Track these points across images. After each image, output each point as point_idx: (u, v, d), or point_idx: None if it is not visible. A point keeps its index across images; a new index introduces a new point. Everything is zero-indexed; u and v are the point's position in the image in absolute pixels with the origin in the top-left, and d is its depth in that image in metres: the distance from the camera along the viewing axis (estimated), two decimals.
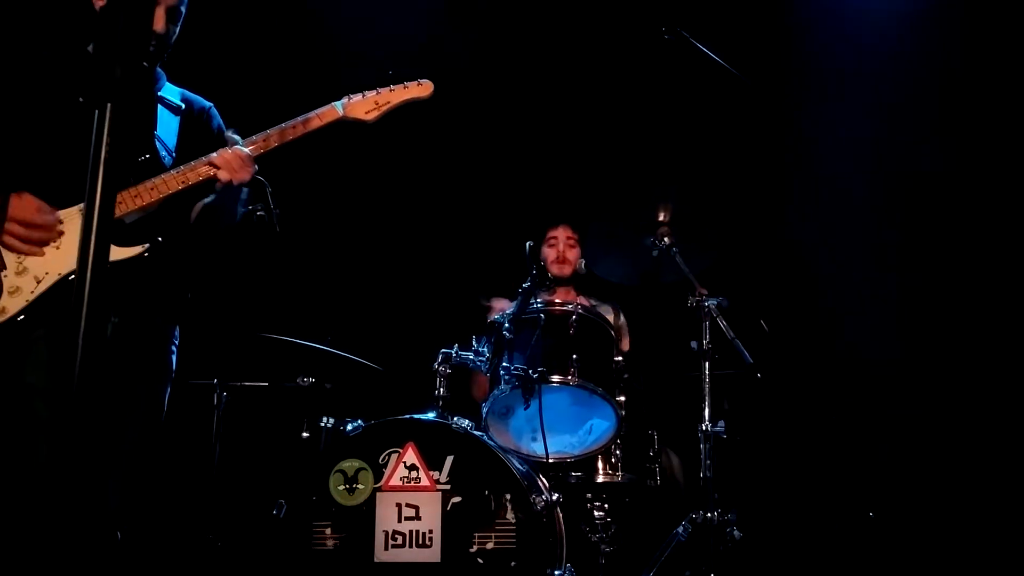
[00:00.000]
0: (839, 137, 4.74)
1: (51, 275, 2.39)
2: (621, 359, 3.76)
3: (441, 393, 3.47)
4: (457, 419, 3.28)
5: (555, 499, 3.25)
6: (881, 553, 4.23)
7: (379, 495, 3.19)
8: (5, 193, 2.38)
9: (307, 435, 3.84)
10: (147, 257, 2.46)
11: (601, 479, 3.75)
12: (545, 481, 3.41)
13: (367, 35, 4.60)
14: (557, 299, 4.06)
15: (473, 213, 4.98)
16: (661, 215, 3.83)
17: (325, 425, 3.46)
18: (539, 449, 3.49)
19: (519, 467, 3.26)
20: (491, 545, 3.11)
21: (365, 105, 2.68)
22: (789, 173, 4.86)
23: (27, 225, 2.38)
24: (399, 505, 3.17)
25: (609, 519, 3.65)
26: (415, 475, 3.20)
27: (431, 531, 3.13)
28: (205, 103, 2.80)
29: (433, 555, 3.11)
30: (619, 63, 4.93)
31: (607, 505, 3.68)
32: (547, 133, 5.08)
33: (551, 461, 3.55)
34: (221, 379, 3.99)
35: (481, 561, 3.09)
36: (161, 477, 3.74)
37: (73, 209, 2.44)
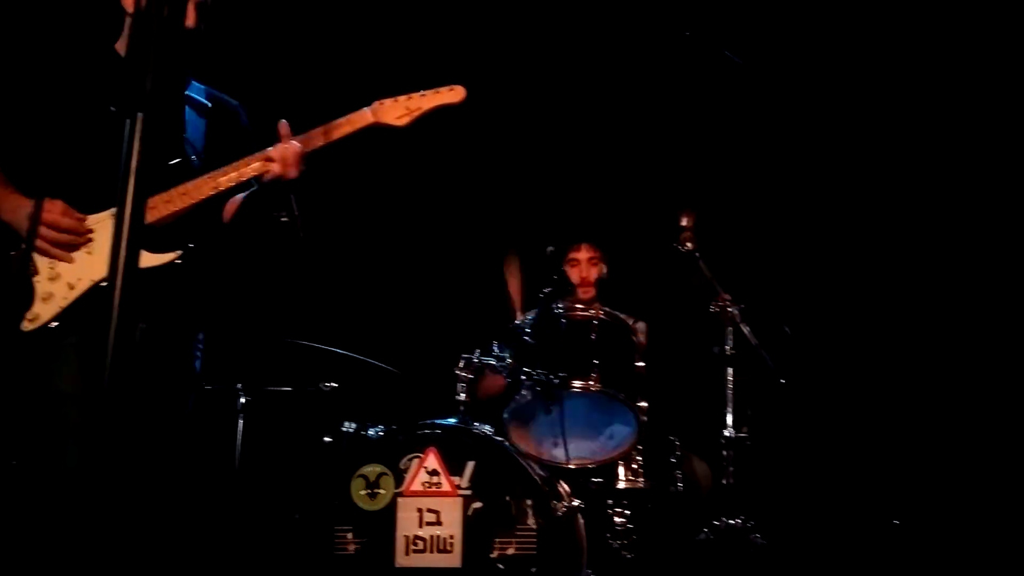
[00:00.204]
0: (862, 138, 4.71)
1: (84, 281, 2.38)
2: (643, 364, 3.75)
3: (462, 398, 3.47)
4: (478, 424, 3.28)
5: (576, 505, 3.24)
6: (906, 562, 4.19)
7: (400, 500, 3.19)
8: (39, 198, 2.37)
9: (329, 440, 3.85)
10: (178, 264, 2.45)
11: (622, 485, 3.72)
12: (566, 487, 3.40)
13: (390, 40, 4.61)
14: (578, 304, 4.05)
15: (496, 219, 4.98)
16: (684, 220, 3.83)
17: (347, 430, 3.47)
18: (560, 455, 3.49)
19: (540, 473, 3.26)
20: (512, 551, 3.10)
21: (396, 110, 2.58)
22: (812, 176, 4.83)
23: (56, 229, 2.39)
24: (420, 510, 3.17)
25: (630, 525, 3.63)
26: (436, 480, 3.20)
27: (452, 536, 3.13)
28: (232, 102, 2.74)
29: (454, 560, 3.11)
30: (638, 68, 4.92)
31: (628, 511, 3.66)
32: (570, 139, 5.07)
33: (572, 467, 3.54)
34: (244, 384, 4.01)
35: (502, 567, 3.09)
36: (185, 481, 3.76)
37: (105, 214, 2.41)
